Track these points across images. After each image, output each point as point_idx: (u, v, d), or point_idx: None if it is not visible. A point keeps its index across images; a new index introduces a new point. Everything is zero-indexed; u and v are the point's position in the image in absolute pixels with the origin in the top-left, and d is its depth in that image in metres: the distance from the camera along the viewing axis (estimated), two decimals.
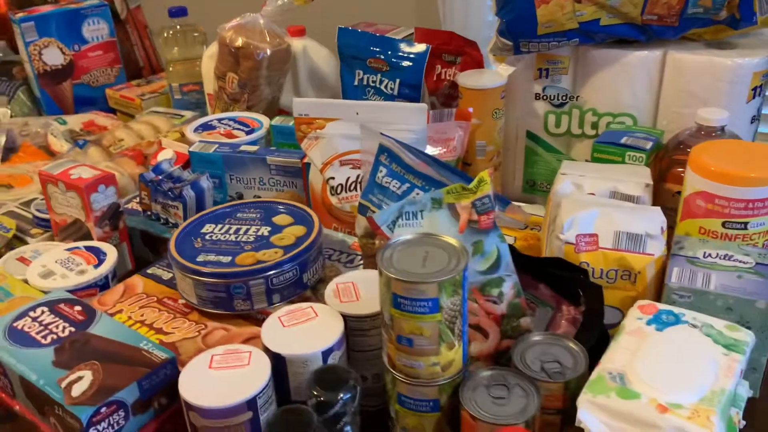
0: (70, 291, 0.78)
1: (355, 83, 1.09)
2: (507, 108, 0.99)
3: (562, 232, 0.71)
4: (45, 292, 0.78)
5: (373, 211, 0.71)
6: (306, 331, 0.61)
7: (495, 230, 0.65)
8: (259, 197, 0.98)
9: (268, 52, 1.09)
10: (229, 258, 0.73)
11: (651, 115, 0.91)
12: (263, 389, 0.55)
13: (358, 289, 0.67)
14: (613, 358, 0.53)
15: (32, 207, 0.99)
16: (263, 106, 1.16)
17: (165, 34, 1.30)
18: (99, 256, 0.84)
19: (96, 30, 1.39)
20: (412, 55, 1.01)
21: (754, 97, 0.85)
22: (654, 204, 0.84)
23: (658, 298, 0.69)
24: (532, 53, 0.92)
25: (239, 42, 1.09)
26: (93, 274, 0.81)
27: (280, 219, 0.80)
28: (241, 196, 0.99)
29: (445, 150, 0.95)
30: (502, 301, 0.65)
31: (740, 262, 0.67)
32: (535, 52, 0.91)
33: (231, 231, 0.79)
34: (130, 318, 0.74)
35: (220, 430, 0.54)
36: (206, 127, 1.10)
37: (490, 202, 0.63)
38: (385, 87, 1.05)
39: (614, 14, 0.85)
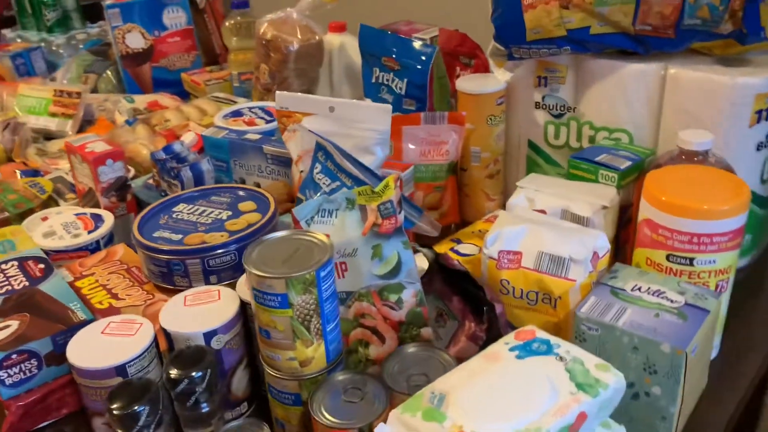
0: (61, 251, 0.88)
1: (373, 80, 1.10)
2: (509, 114, 0.96)
3: (486, 246, 0.68)
4: (43, 249, 0.88)
5: None
6: (201, 313, 0.65)
7: (398, 236, 0.64)
8: (259, 184, 1.03)
9: (296, 46, 1.14)
10: (180, 237, 0.79)
11: (651, 133, 0.84)
12: (135, 358, 0.59)
13: None
14: (448, 378, 0.51)
15: (69, 175, 1.11)
16: None
17: (227, 24, 1.39)
18: (97, 223, 0.93)
19: (175, 18, 1.51)
20: (419, 56, 1.01)
21: (758, 121, 0.76)
22: (633, 228, 0.79)
23: None
24: (526, 59, 0.88)
25: (269, 35, 1.14)
26: (85, 238, 0.90)
27: (245, 205, 0.85)
28: (243, 182, 1.04)
29: (437, 153, 0.95)
30: (401, 308, 0.64)
31: (668, 300, 0.61)
32: (527, 59, 0.87)
33: (197, 212, 0.84)
34: (97, 281, 0.82)
35: (93, 391, 0.60)
36: (235, 114, 1.16)
37: (392, 207, 0.63)
38: (396, 86, 1.05)
39: (605, 23, 0.79)
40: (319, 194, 0.72)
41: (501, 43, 0.87)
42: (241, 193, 0.88)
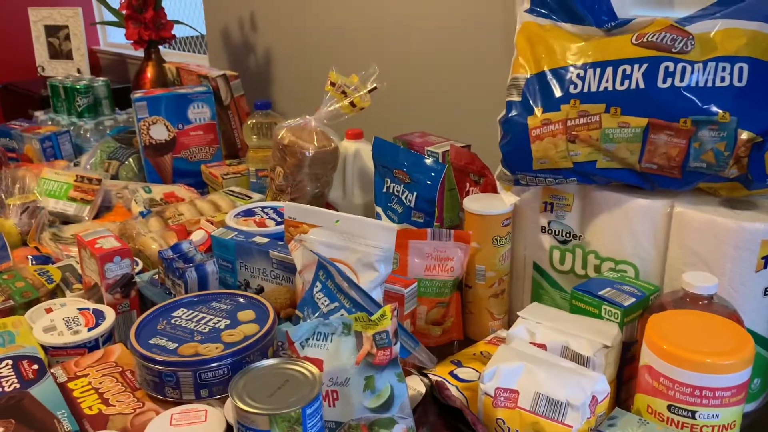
0: (60, 348, 0.87)
1: (384, 190, 1.12)
2: (515, 235, 0.96)
3: (482, 381, 0.67)
4: (42, 345, 0.88)
5: None
6: None
7: (393, 368, 0.63)
8: (262, 288, 1.03)
9: (311, 152, 1.17)
10: (175, 346, 0.78)
11: (657, 267, 0.84)
12: None
13: None
14: None
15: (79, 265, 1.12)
16: (307, 199, 1.23)
17: (249, 123, 1.44)
18: (98, 319, 0.93)
19: (199, 113, 1.57)
20: (430, 172, 1.02)
21: (765, 266, 0.75)
22: (637, 365, 0.77)
23: None
24: (531, 186, 0.89)
25: (287, 140, 1.18)
26: (83, 336, 0.89)
27: (244, 315, 0.84)
28: (247, 284, 1.04)
29: (442, 269, 0.95)
30: None
31: None
32: (534, 186, 0.88)
33: (195, 319, 0.84)
34: (90, 383, 0.81)
35: None
36: (248, 213, 1.18)
37: (387, 338, 0.62)
38: (405, 198, 1.07)
39: (611, 158, 0.81)
40: (316, 315, 0.71)
41: (508, 169, 0.88)
42: (241, 300, 0.88)
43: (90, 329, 0.91)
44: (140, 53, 2.83)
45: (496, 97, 1.50)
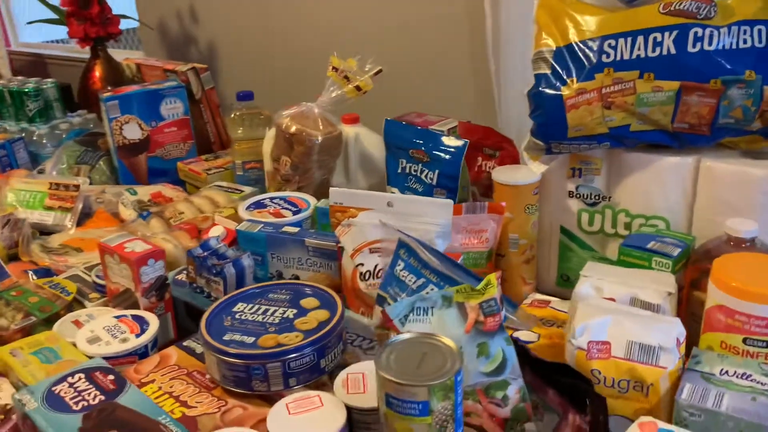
0: (111, 358, 0.84)
1: (399, 171, 1.14)
2: (541, 202, 1.01)
3: (574, 337, 0.71)
4: (90, 357, 0.85)
5: (390, 304, 0.74)
6: (308, 421, 0.64)
7: (501, 333, 0.66)
8: (297, 276, 1.03)
9: (320, 139, 1.17)
10: (253, 339, 0.78)
11: (685, 219, 0.91)
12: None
13: (367, 381, 0.69)
14: None
15: (93, 273, 1.07)
16: (313, 188, 1.23)
17: (232, 115, 1.41)
18: (142, 325, 0.90)
19: (172, 108, 1.52)
20: (450, 149, 1.05)
21: None
22: (685, 312, 0.84)
23: (671, 412, 0.68)
24: (564, 154, 0.94)
25: (293, 129, 1.17)
26: (134, 342, 0.87)
27: (307, 302, 0.85)
28: (280, 275, 1.04)
29: (477, 240, 0.98)
30: (507, 405, 0.66)
31: (758, 383, 0.65)
32: (567, 153, 0.93)
33: (260, 311, 0.83)
34: (160, 388, 0.79)
35: None
36: (258, 205, 1.17)
37: (496, 305, 0.65)
38: (425, 176, 1.09)
39: (644, 121, 0.86)
40: (405, 292, 0.73)
41: (541, 139, 0.92)
42: (298, 289, 0.88)
43: (138, 335, 0.88)
44: (56, 52, 2.69)
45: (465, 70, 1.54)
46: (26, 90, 1.69)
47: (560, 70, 0.89)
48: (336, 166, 1.26)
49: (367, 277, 0.89)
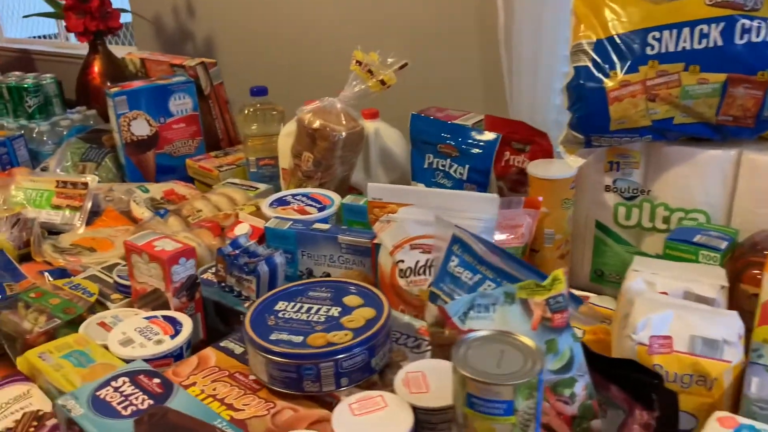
0: (146, 360, 0.81)
1: (425, 166, 1.12)
2: (577, 197, 1.00)
3: (635, 333, 0.70)
4: (124, 360, 0.82)
5: (444, 301, 0.72)
6: (375, 422, 0.62)
7: (568, 329, 0.65)
8: (329, 274, 1.01)
9: (344, 134, 1.14)
10: (301, 338, 0.75)
11: (724, 213, 0.90)
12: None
13: (428, 380, 0.68)
14: None
15: (114, 273, 1.04)
16: (335, 184, 1.21)
17: (246, 111, 1.38)
18: (175, 326, 0.87)
19: (181, 104, 1.48)
20: (482, 143, 1.04)
21: None
22: (729, 305, 0.83)
23: (734, 406, 0.67)
24: (603, 147, 0.93)
25: (317, 124, 1.15)
26: (169, 344, 0.84)
27: (351, 300, 0.82)
28: (310, 272, 1.02)
29: (513, 236, 0.97)
30: (574, 402, 0.64)
31: None
32: (607, 147, 0.92)
33: (303, 310, 0.81)
34: (202, 391, 0.76)
35: None
36: (281, 202, 1.14)
37: (564, 301, 0.64)
38: (454, 171, 1.07)
39: (688, 113, 0.86)
40: (461, 289, 0.71)
41: (581, 132, 0.91)
42: (343, 287, 0.85)
43: (172, 337, 0.85)
44: (45, 47, 2.64)
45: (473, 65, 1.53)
46: (25, 85, 1.64)
47: (602, 63, 0.88)
48: (356, 163, 1.24)
49: (407, 274, 0.88)
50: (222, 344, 0.85)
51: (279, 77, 1.94)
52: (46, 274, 1.09)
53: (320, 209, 1.11)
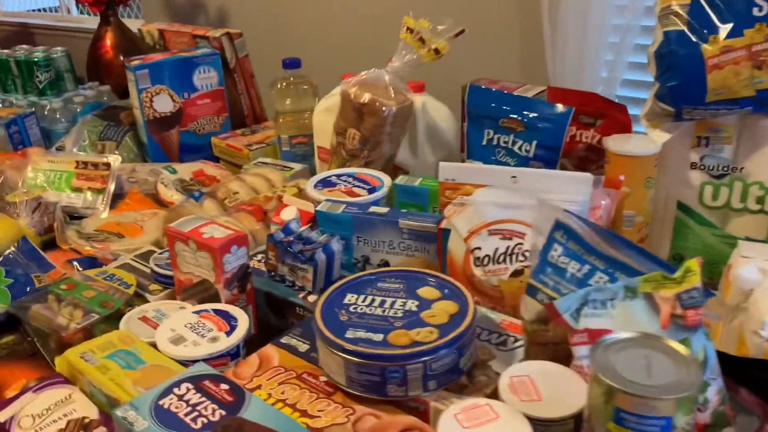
0: (200, 360, 0.73)
1: (484, 143, 1.04)
2: (657, 175, 0.92)
3: (762, 329, 0.62)
4: (177, 360, 0.74)
5: (547, 295, 0.64)
6: None
7: (701, 328, 0.57)
8: (387, 261, 0.92)
9: (394, 109, 1.05)
10: (381, 336, 0.67)
11: None
12: None
13: (537, 385, 0.60)
14: None
15: (151, 261, 0.95)
16: (381, 163, 1.12)
17: (279, 86, 1.28)
18: (230, 321, 0.79)
19: (206, 78, 1.39)
20: (551, 117, 0.95)
21: None
22: None
23: None
24: (693, 120, 0.85)
25: (365, 98, 1.05)
26: (226, 342, 0.76)
27: (426, 292, 0.74)
28: (367, 260, 0.93)
29: (590, 218, 0.89)
30: (707, 409, 0.57)
31: None
32: (699, 120, 0.84)
33: (376, 303, 0.73)
34: (270, 396, 0.68)
35: None
36: (326, 183, 1.06)
37: (699, 296, 0.56)
38: (519, 148, 0.99)
39: None
40: (568, 282, 0.63)
41: (671, 104, 0.83)
42: (416, 276, 0.77)
43: (228, 333, 0.77)
44: (45, 21, 2.53)
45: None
46: (36, 59, 1.54)
47: (699, 26, 0.79)
48: (402, 140, 1.15)
49: (485, 263, 0.79)
50: (283, 341, 0.77)
51: (302, 48, 1.84)
52: (75, 263, 1.01)
53: (370, 191, 1.02)
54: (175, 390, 0.63)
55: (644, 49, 0.86)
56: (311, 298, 0.87)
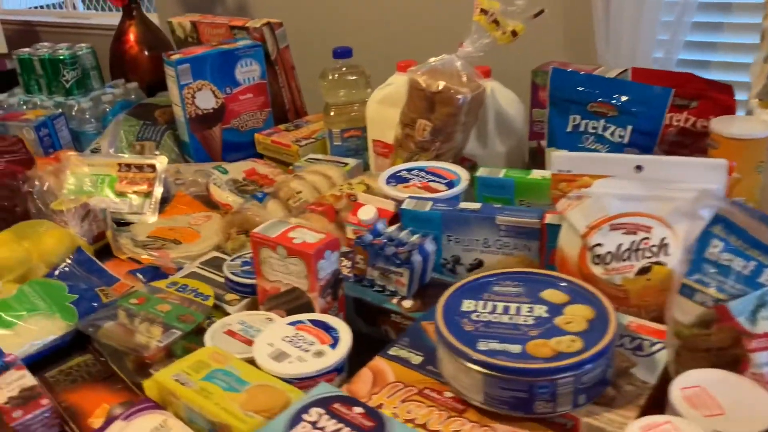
0: (308, 378, 0.67)
1: (569, 129, 0.97)
2: None
3: None
4: (283, 378, 0.67)
5: (711, 296, 0.58)
6: None
7: None
8: (481, 261, 0.86)
9: (469, 96, 0.99)
10: (518, 347, 0.61)
11: None
12: None
13: (715, 397, 0.54)
14: None
15: (225, 269, 0.89)
16: (452, 155, 1.06)
17: (330, 77, 1.21)
18: (330, 332, 0.73)
19: (248, 72, 1.31)
20: (648, 99, 0.89)
21: None
22: None
23: None
24: None
25: (438, 86, 0.99)
26: (333, 356, 0.69)
27: (552, 295, 0.68)
28: (458, 260, 0.87)
29: None
30: None
31: None
32: None
33: (498, 310, 0.67)
34: (395, 415, 0.62)
35: None
36: (398, 179, 0.99)
37: None
38: (611, 134, 0.93)
39: None
40: (735, 281, 0.57)
41: None
42: (534, 278, 0.71)
43: (332, 346, 0.71)
44: (48, 18, 2.46)
45: None
46: (62, 57, 1.45)
47: None
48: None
49: (607, 260, 0.73)
50: (392, 353, 0.71)
51: (334, 36, 1.76)
52: (138, 274, 0.94)
53: (448, 185, 0.96)
54: (305, 416, 0.57)
55: (700, 28, 0.80)
56: (406, 303, 0.81)
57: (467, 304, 0.68)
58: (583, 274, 0.76)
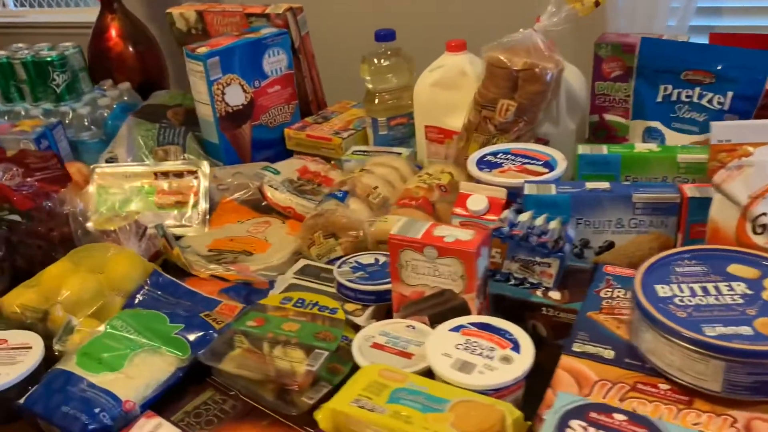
0: (502, 388, 0.62)
1: (659, 100, 0.95)
2: None
3: None
4: (479, 391, 0.61)
5: None
6: None
7: None
8: (612, 243, 0.83)
9: (555, 72, 0.95)
10: (749, 329, 0.58)
11: None
12: None
13: None
14: None
15: (339, 275, 0.81)
16: (532, 136, 1.01)
17: (376, 62, 1.14)
18: (502, 335, 0.67)
19: (276, 62, 1.21)
20: (748, 63, 0.88)
21: None
22: None
23: None
24: None
25: (523, 63, 0.94)
26: (523, 360, 0.64)
27: (739, 270, 0.66)
28: (586, 243, 0.83)
29: None
30: None
31: None
32: None
33: (698, 292, 0.63)
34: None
35: None
36: (489, 165, 0.93)
37: None
38: (709, 102, 0.91)
39: None
40: None
41: None
42: (711, 254, 0.68)
43: (514, 350, 0.65)
44: (21, 18, 2.25)
45: None
46: (49, 59, 1.29)
47: None
48: None
49: None
50: (577, 350, 0.66)
51: (337, 27, 1.66)
52: (232, 293, 0.84)
53: (545, 166, 0.92)
54: (570, 428, 0.51)
55: None
56: (553, 294, 0.76)
57: (662, 290, 0.64)
58: (743, 245, 0.74)
